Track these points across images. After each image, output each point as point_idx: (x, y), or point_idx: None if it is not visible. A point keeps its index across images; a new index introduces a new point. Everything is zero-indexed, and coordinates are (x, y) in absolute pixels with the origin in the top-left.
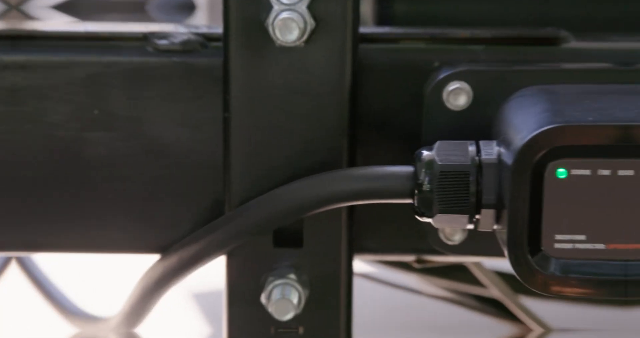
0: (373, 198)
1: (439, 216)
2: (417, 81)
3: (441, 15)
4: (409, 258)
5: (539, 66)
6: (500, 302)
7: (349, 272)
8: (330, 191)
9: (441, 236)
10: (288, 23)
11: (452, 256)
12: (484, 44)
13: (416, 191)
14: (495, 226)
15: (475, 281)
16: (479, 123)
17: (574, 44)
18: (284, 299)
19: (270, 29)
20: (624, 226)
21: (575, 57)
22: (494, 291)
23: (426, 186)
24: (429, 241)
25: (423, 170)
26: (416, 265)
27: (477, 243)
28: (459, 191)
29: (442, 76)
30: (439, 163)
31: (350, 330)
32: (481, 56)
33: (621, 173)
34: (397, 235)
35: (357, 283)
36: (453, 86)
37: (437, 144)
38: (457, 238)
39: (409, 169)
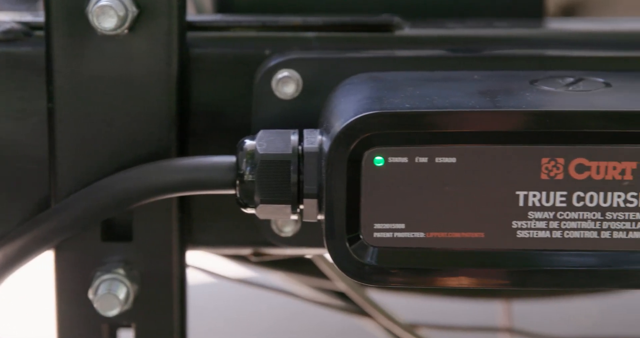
0: (195, 189)
1: (261, 207)
2: (248, 70)
3: (285, 3)
4: (245, 251)
5: (371, 53)
6: (347, 295)
7: (182, 266)
8: (150, 182)
9: (273, 228)
10: (106, 10)
11: (286, 248)
12: (317, 32)
13: (238, 182)
14: (319, 216)
15: (320, 274)
16: (309, 112)
17: (408, 31)
18: (109, 294)
19: (89, 16)
20: (443, 214)
21: (409, 44)
22: (340, 284)
23: (247, 176)
24: (262, 233)
25: (244, 160)
26: (253, 259)
27: (311, 234)
28: (280, 181)
29: (270, 64)
30: (260, 153)
31: (184, 325)
32: (314, 44)
33: (439, 160)
34: (232, 227)
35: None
36: (281, 74)
37: (260, 133)
38: (289, 229)
39: (231, 159)
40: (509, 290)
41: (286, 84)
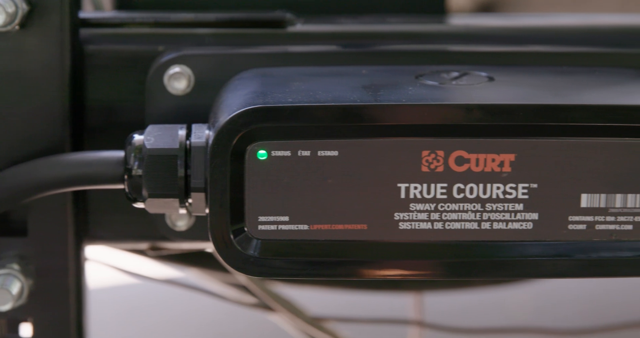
0: (84, 184)
1: (149, 201)
2: (142, 66)
3: (183, 1)
4: (142, 246)
5: (263, 49)
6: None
7: (78, 261)
8: (39, 177)
9: (168, 222)
10: None
11: (181, 242)
12: (210, 28)
13: (126, 176)
14: (207, 210)
15: (222, 268)
16: (201, 107)
17: (300, 27)
18: (1, 289)
19: None
20: (327, 206)
21: (301, 40)
22: (240, 277)
23: (136, 171)
24: (157, 228)
25: (132, 155)
26: (150, 253)
27: (205, 228)
28: (168, 175)
29: (162, 60)
30: (147, 147)
31: (81, 319)
32: (207, 40)
33: (321, 153)
34: (128, 222)
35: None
36: (173, 70)
37: (148, 128)
38: (183, 223)
39: (120, 154)
40: (417, 282)
41: (177, 79)
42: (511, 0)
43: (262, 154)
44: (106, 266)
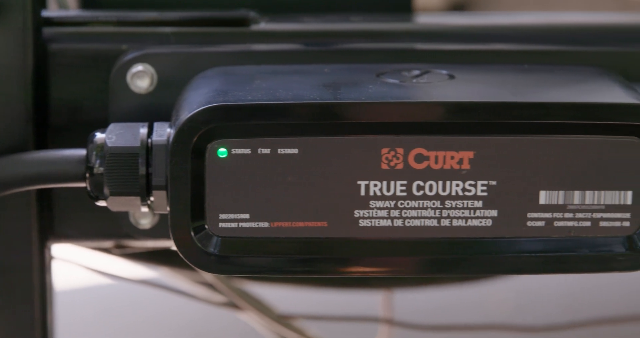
0: (46, 182)
1: (111, 199)
2: (106, 65)
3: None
4: (107, 244)
5: (227, 47)
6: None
7: (42, 259)
8: (0, 176)
9: (132, 220)
10: None
11: (145, 240)
12: (174, 27)
13: (88, 174)
14: (169, 208)
15: (191, 267)
16: (165, 106)
17: (264, 25)
18: None
19: None
20: (287, 204)
21: (265, 39)
22: (207, 276)
23: (97, 169)
24: (121, 226)
25: (94, 153)
26: (115, 252)
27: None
28: (129, 173)
29: (125, 59)
30: (109, 145)
31: (45, 319)
32: (171, 39)
33: (281, 151)
34: (94, 220)
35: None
36: (136, 68)
37: (110, 126)
38: (146, 222)
39: (82, 152)
40: (387, 279)
41: (140, 78)
42: (482, 0)
43: (222, 152)
44: (77, 266)
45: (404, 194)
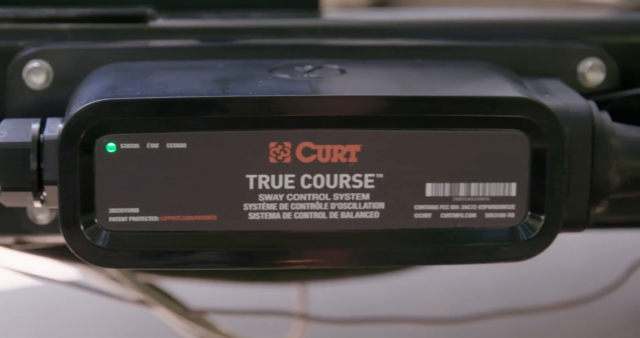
0: None
1: (4, 194)
2: (3, 62)
3: None
4: (7, 241)
5: (124, 43)
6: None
7: None
8: None
9: (29, 215)
10: None
11: (44, 236)
12: (71, 23)
13: None
14: (58, 202)
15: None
16: (61, 102)
17: (161, 22)
18: None
19: None
20: (176, 198)
21: (162, 35)
22: (112, 271)
23: None
24: (20, 221)
25: None
26: (16, 248)
27: None
28: (21, 168)
29: (21, 55)
30: (0, 141)
31: None
32: (68, 35)
33: (170, 145)
34: None
35: None
36: (32, 64)
37: (2, 122)
38: (43, 217)
39: None
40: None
41: (36, 74)
42: None
43: (111, 147)
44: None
45: (292, 187)
